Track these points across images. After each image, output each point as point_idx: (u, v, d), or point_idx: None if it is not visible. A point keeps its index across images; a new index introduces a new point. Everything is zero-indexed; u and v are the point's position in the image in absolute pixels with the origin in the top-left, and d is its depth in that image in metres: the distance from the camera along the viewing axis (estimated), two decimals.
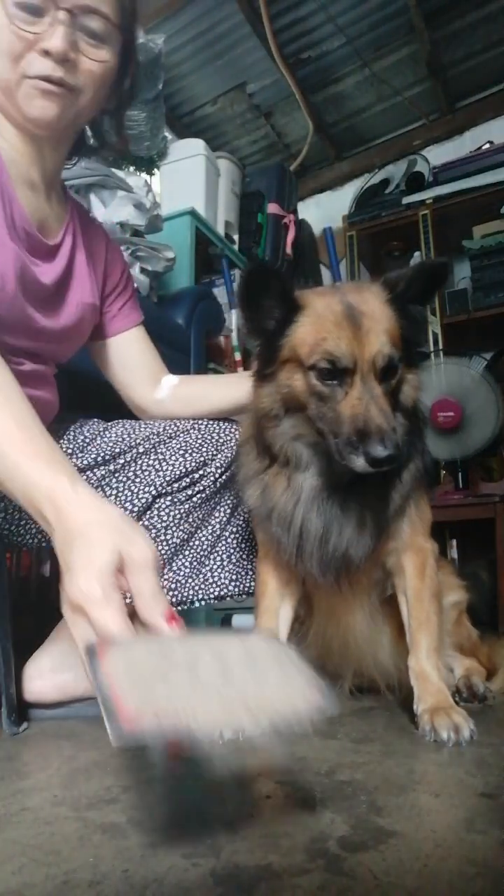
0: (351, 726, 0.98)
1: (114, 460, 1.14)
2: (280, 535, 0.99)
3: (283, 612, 1.11)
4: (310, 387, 0.90)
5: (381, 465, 0.82)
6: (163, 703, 0.47)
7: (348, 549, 0.96)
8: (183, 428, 1.20)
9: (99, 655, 0.51)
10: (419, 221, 3.06)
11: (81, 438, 1.16)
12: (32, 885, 0.49)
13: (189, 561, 1.18)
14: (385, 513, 0.98)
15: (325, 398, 0.89)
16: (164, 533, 1.14)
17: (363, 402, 0.85)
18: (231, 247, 3.08)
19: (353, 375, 0.87)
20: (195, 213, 2.72)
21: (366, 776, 0.74)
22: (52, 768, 0.80)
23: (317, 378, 0.89)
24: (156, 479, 1.14)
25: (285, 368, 0.93)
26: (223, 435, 1.22)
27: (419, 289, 0.95)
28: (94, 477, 1.13)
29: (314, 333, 0.89)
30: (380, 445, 0.81)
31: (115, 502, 1.12)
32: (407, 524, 1.02)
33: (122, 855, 0.54)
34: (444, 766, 0.78)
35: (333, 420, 0.88)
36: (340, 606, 1.08)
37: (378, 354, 0.87)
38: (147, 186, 2.27)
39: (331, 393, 0.88)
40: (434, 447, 2.48)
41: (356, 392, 0.86)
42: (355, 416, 0.84)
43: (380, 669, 1.12)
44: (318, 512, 0.96)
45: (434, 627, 1.00)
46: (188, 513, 1.17)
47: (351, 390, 0.87)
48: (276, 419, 0.96)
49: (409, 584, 1.02)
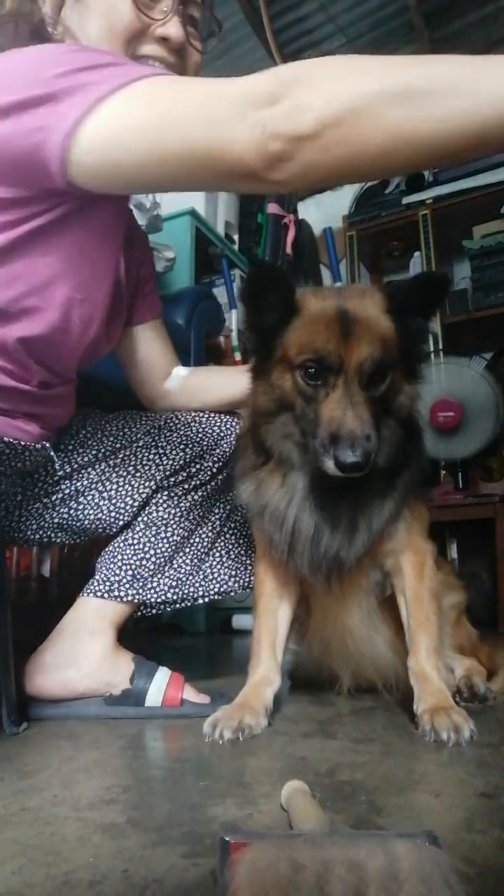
0: (351, 726, 0.99)
1: (114, 455, 1.14)
2: (272, 533, 1.00)
3: (282, 612, 1.11)
4: (296, 386, 0.92)
5: (347, 470, 0.82)
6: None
7: (339, 550, 0.96)
8: (184, 421, 1.21)
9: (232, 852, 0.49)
10: (419, 221, 3.06)
11: (83, 434, 1.17)
12: (32, 885, 0.49)
13: (190, 558, 1.19)
14: (378, 517, 0.98)
15: (308, 399, 0.90)
16: (164, 530, 1.15)
17: (341, 407, 0.86)
18: (231, 247, 3.08)
19: (336, 378, 0.88)
20: (195, 213, 2.72)
21: (366, 776, 0.74)
22: (52, 768, 0.80)
23: (302, 377, 0.90)
24: (156, 473, 1.14)
25: (277, 368, 0.95)
26: (223, 428, 1.23)
27: (420, 300, 0.95)
28: (94, 473, 1.13)
29: (305, 335, 0.91)
30: (349, 450, 0.82)
31: (115, 497, 1.13)
32: (403, 527, 1.03)
33: (122, 855, 0.54)
34: (444, 766, 0.78)
35: (313, 421, 0.89)
36: (338, 607, 1.09)
37: (366, 360, 0.88)
38: None
39: (314, 394, 0.90)
40: (434, 447, 2.48)
41: (336, 396, 0.87)
42: (331, 420, 0.86)
43: (378, 670, 1.13)
44: (310, 512, 0.96)
45: (433, 628, 1.00)
46: (188, 510, 1.17)
47: (332, 393, 0.88)
48: (270, 416, 0.97)
49: (407, 584, 1.03)
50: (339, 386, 0.87)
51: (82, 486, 1.12)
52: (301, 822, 0.56)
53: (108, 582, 1.12)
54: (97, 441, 1.15)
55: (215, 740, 0.90)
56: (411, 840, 0.45)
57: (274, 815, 0.63)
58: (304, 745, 0.88)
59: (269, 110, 0.65)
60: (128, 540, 1.14)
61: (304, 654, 1.18)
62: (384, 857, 0.45)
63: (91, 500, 1.13)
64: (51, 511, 1.13)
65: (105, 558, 1.15)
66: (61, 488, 1.12)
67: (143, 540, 1.14)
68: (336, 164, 0.65)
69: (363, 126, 0.62)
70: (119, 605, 1.13)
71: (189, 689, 1.11)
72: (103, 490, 1.13)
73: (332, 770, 0.76)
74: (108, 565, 1.14)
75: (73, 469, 1.12)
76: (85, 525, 1.14)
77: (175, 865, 0.52)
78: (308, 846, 0.46)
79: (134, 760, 0.85)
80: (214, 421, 1.23)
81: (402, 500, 1.00)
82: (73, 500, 1.12)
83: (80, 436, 1.16)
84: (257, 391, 0.99)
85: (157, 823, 0.61)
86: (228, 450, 1.21)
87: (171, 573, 1.16)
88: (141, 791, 0.71)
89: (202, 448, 1.19)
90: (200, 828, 0.60)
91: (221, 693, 1.12)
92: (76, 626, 1.11)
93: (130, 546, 1.14)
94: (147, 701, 1.08)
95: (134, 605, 1.15)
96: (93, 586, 1.13)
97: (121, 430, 1.18)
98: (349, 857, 0.45)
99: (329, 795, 0.67)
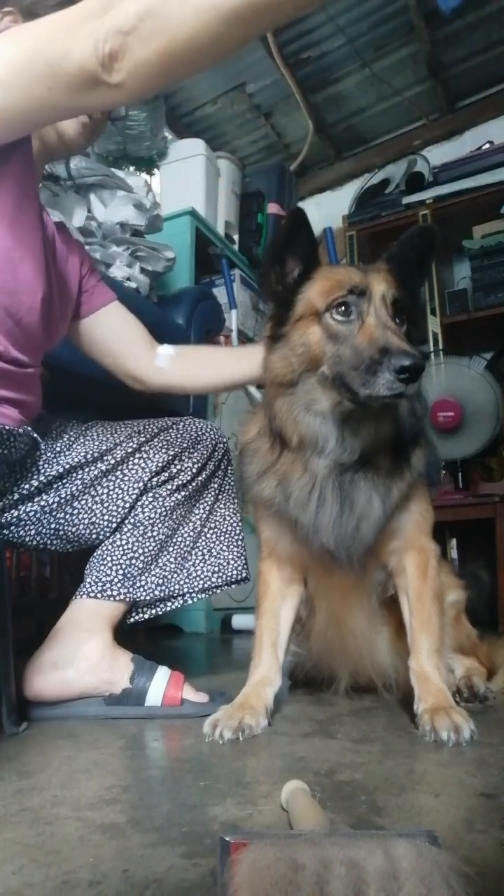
0: (351, 726, 0.99)
1: (102, 458, 1.16)
2: (298, 515, 0.99)
3: (285, 613, 1.11)
4: (326, 330, 0.93)
5: (409, 373, 0.83)
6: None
7: (360, 522, 0.96)
8: (163, 426, 1.24)
9: (232, 852, 0.49)
10: (419, 221, 3.05)
11: (66, 437, 1.19)
12: (32, 885, 0.49)
13: (174, 557, 1.21)
14: (391, 496, 0.98)
15: (341, 339, 0.92)
16: (150, 529, 1.17)
17: (380, 328, 0.89)
18: (231, 247, 3.08)
19: (368, 305, 0.91)
20: (195, 213, 2.72)
21: (366, 776, 0.74)
22: (52, 768, 0.80)
23: (333, 318, 0.93)
24: (143, 475, 1.17)
25: (299, 325, 0.96)
26: (200, 432, 1.26)
27: (414, 254, 0.98)
28: (87, 476, 1.14)
29: (330, 281, 0.95)
30: (403, 356, 0.83)
31: (107, 500, 1.15)
32: (409, 521, 1.03)
33: (122, 855, 0.54)
34: (444, 766, 0.78)
35: (352, 354, 0.90)
36: (342, 607, 1.09)
37: (388, 290, 0.92)
38: (147, 186, 2.27)
39: (347, 331, 0.92)
40: None
41: (371, 320, 0.91)
42: (374, 339, 0.88)
43: (378, 670, 1.13)
44: (333, 491, 0.97)
45: (435, 629, 1.00)
46: (171, 510, 1.20)
47: (367, 319, 0.91)
48: (289, 386, 0.97)
49: (410, 584, 1.03)
50: (371, 312, 0.91)
51: (76, 490, 1.14)
52: (301, 822, 0.56)
53: (101, 582, 1.13)
54: (82, 444, 1.17)
55: (215, 740, 0.90)
56: (411, 840, 0.45)
57: (274, 815, 0.63)
58: (304, 745, 0.88)
59: (101, 19, 0.75)
60: (116, 542, 1.16)
61: (305, 654, 1.18)
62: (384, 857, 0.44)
63: (85, 504, 1.15)
64: (48, 516, 1.13)
65: (95, 561, 1.17)
66: (55, 489, 1.13)
67: (132, 540, 1.16)
68: (158, 56, 0.74)
69: (170, 10, 0.72)
70: (113, 605, 1.14)
71: (188, 688, 1.11)
72: (96, 494, 1.15)
73: (332, 770, 0.76)
74: (98, 567, 1.15)
75: (65, 470, 1.13)
76: (80, 530, 1.16)
77: (175, 865, 0.52)
78: (308, 846, 0.46)
79: (134, 760, 0.85)
80: (190, 424, 1.26)
81: (416, 479, 1.00)
82: (69, 504, 1.14)
83: (64, 438, 1.18)
84: (274, 360, 0.99)
85: (157, 823, 0.61)
86: (206, 452, 1.24)
87: (157, 571, 1.19)
88: (141, 791, 0.71)
89: (181, 448, 1.22)
90: (200, 828, 0.60)
91: (221, 692, 1.13)
92: (73, 627, 1.12)
93: (119, 547, 1.16)
94: (147, 700, 1.08)
95: (126, 603, 1.16)
96: (85, 588, 1.14)
97: (104, 434, 1.20)
98: (349, 857, 0.44)
99: (329, 795, 0.67)
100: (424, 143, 3.52)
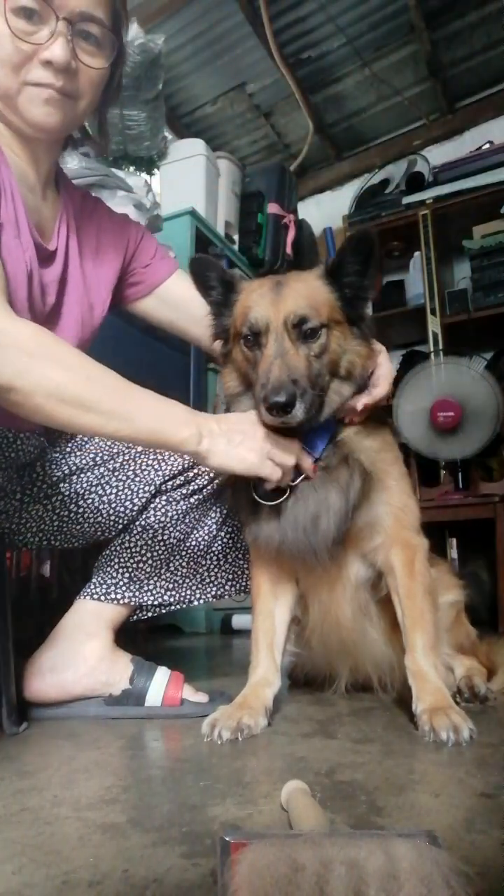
0: (351, 726, 0.99)
1: (113, 459, 1.14)
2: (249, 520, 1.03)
3: (279, 614, 1.11)
4: (243, 355, 0.99)
5: (274, 410, 0.87)
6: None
7: (317, 518, 0.97)
8: None
9: (232, 852, 0.49)
10: (419, 221, 3.06)
11: (80, 437, 1.16)
12: (32, 885, 0.49)
13: (186, 561, 1.19)
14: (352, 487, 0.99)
15: (253, 364, 0.97)
16: (161, 533, 1.15)
17: (269, 360, 0.92)
18: (231, 247, 3.08)
19: (267, 336, 0.94)
20: (195, 213, 2.72)
21: (366, 776, 0.74)
22: (52, 768, 0.80)
23: (244, 346, 0.98)
24: (155, 477, 1.14)
25: (234, 345, 1.02)
26: None
27: (353, 260, 0.98)
28: (93, 476, 1.13)
29: (242, 307, 0.99)
30: (273, 393, 0.87)
31: (115, 501, 1.13)
32: (387, 515, 1.02)
33: (122, 855, 0.54)
34: (444, 766, 0.78)
35: (255, 382, 0.95)
36: (330, 602, 1.08)
37: (290, 314, 0.94)
38: (147, 186, 2.27)
39: (254, 358, 0.96)
40: (434, 447, 2.48)
41: (268, 351, 0.94)
42: (263, 372, 0.92)
43: (373, 663, 1.12)
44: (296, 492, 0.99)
45: (429, 625, 0.99)
46: (185, 513, 1.17)
47: (265, 351, 0.94)
48: (238, 397, 1.04)
49: (399, 582, 1.02)
50: (270, 343, 0.94)
51: (82, 489, 1.12)
52: (301, 822, 0.56)
53: (106, 585, 1.13)
54: (94, 445, 1.15)
55: (213, 740, 0.90)
56: (411, 840, 0.45)
57: (274, 815, 0.63)
58: (303, 745, 0.88)
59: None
60: (125, 543, 1.15)
61: (304, 653, 1.18)
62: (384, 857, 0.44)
63: (91, 503, 1.13)
64: (51, 514, 1.13)
65: (102, 562, 1.15)
66: (61, 490, 1.12)
67: (140, 543, 1.14)
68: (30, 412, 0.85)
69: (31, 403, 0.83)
70: (116, 608, 1.13)
71: (188, 688, 1.11)
72: (103, 494, 1.13)
73: (332, 770, 0.76)
74: (105, 568, 1.14)
75: (71, 471, 1.12)
76: (84, 528, 1.14)
77: (175, 865, 0.52)
78: (308, 846, 0.46)
79: (134, 760, 0.85)
80: None
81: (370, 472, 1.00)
82: (73, 502, 1.12)
83: (77, 439, 1.16)
84: (225, 375, 1.06)
85: (157, 823, 0.61)
86: None
87: (168, 576, 1.17)
88: (141, 791, 0.71)
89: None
90: (200, 828, 0.60)
91: (221, 692, 1.13)
92: (73, 629, 1.11)
93: (127, 549, 1.14)
94: (147, 700, 1.08)
95: (131, 607, 1.15)
96: (90, 589, 1.13)
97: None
98: (349, 857, 0.44)
99: (329, 795, 0.67)
100: (424, 143, 3.52)
